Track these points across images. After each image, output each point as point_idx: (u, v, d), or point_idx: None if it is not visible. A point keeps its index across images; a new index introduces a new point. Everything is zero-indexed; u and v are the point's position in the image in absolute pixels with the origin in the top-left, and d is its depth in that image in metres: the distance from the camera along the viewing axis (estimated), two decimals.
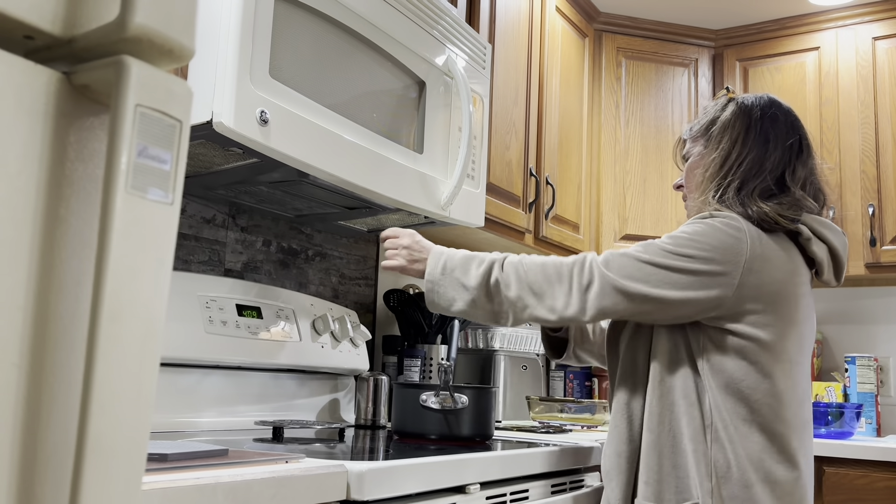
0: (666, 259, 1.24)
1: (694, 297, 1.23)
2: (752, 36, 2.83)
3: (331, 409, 1.81)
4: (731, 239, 1.24)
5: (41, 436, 0.44)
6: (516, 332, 2.28)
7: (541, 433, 1.86)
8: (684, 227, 1.29)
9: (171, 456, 0.87)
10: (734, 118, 1.37)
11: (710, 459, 1.22)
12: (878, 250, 2.51)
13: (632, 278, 1.24)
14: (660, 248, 1.26)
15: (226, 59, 1.15)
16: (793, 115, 1.40)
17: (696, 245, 1.24)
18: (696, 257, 1.23)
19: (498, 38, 2.10)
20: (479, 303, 1.28)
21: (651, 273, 1.23)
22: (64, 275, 0.45)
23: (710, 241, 1.24)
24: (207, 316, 1.47)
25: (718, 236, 1.24)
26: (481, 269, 1.29)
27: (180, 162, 0.47)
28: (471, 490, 1.20)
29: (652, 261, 1.24)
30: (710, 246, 1.24)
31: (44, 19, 0.44)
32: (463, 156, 1.63)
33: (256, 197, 1.59)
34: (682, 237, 1.26)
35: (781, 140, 1.35)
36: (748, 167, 1.32)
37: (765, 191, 1.31)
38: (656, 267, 1.24)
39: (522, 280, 1.27)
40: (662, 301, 1.23)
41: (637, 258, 1.25)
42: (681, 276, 1.23)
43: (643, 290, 1.23)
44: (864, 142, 2.58)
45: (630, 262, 1.25)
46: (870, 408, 2.50)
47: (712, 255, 1.23)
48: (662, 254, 1.25)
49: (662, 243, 1.27)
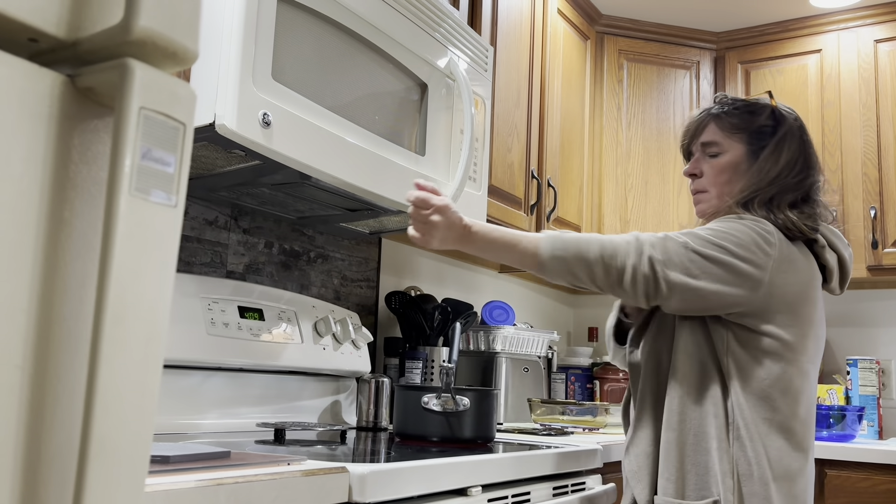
0: (707, 249, 1.25)
1: (725, 291, 1.24)
2: (753, 38, 2.83)
3: (332, 411, 1.81)
4: (762, 240, 1.26)
5: (44, 438, 0.44)
6: (518, 334, 2.28)
7: (542, 435, 1.86)
8: (717, 223, 1.30)
9: (173, 458, 0.87)
10: (787, 136, 1.37)
11: (732, 458, 1.24)
12: (879, 253, 2.51)
13: (677, 267, 1.24)
14: (703, 238, 1.26)
15: (228, 61, 1.15)
16: (807, 131, 1.45)
17: (732, 240, 1.25)
18: (732, 252, 1.25)
19: (500, 40, 2.10)
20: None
21: (693, 262, 1.24)
22: (67, 277, 0.45)
23: (745, 239, 1.26)
24: (209, 318, 1.47)
25: (752, 236, 1.26)
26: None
27: (184, 164, 0.47)
28: (472, 492, 1.20)
29: (696, 250, 1.25)
30: (744, 244, 1.25)
31: (48, 22, 0.44)
32: (464, 158, 1.63)
33: (258, 199, 1.59)
34: (720, 231, 1.27)
35: (815, 161, 1.40)
36: (790, 185, 1.35)
37: (793, 203, 1.35)
38: (699, 256, 1.24)
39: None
40: (697, 291, 1.24)
41: (685, 246, 1.26)
42: (717, 269, 1.24)
43: (683, 280, 1.24)
44: (865, 144, 2.58)
45: (678, 248, 1.25)
46: (872, 410, 2.50)
47: (746, 254, 1.25)
48: (704, 243, 1.25)
49: (705, 233, 1.27)
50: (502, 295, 2.72)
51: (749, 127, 1.39)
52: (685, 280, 1.23)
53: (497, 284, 2.69)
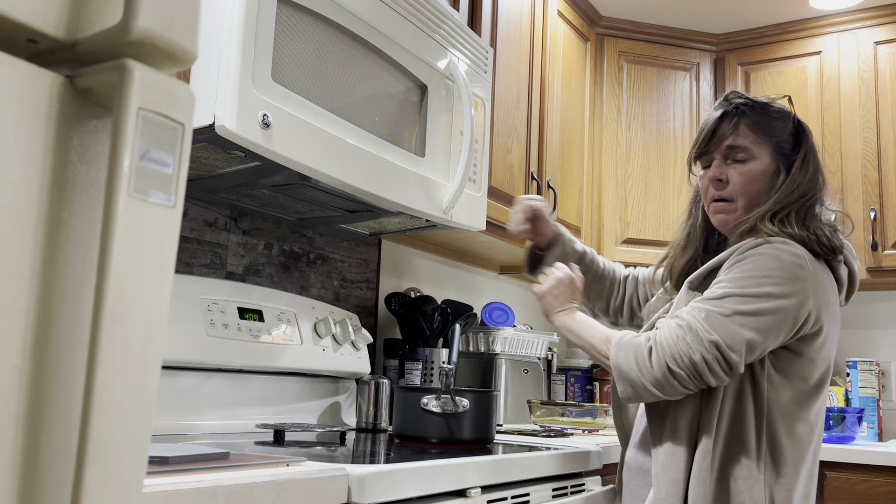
0: (751, 304, 1.20)
1: (783, 333, 1.22)
2: (753, 40, 2.83)
3: (332, 413, 1.81)
4: (796, 267, 1.22)
5: (43, 439, 0.44)
6: (517, 335, 2.28)
7: (542, 437, 1.86)
8: (745, 264, 1.24)
9: (172, 459, 0.87)
10: (812, 150, 1.36)
11: (764, 484, 1.23)
12: (879, 254, 2.51)
13: (734, 341, 1.20)
14: (743, 294, 1.21)
15: (228, 62, 1.15)
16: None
17: (771, 281, 1.21)
18: (775, 295, 1.20)
19: (500, 41, 2.10)
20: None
21: (745, 324, 1.20)
22: (66, 278, 0.45)
23: (781, 273, 1.21)
24: (209, 319, 1.47)
25: (787, 266, 1.22)
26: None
27: (182, 165, 0.47)
28: (472, 494, 1.20)
29: (741, 311, 1.21)
30: (782, 279, 1.21)
31: (47, 23, 0.44)
32: (464, 159, 1.63)
33: (258, 200, 1.59)
34: (755, 276, 1.22)
35: (821, 170, 1.38)
36: (816, 199, 1.32)
37: (818, 216, 1.32)
38: (748, 316, 1.20)
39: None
40: (760, 347, 1.21)
41: (730, 313, 1.21)
42: (769, 319, 1.20)
43: (746, 353, 1.21)
44: (865, 146, 2.58)
45: (724, 322, 1.21)
46: (871, 412, 2.50)
47: (789, 290, 1.21)
48: (746, 300, 1.21)
49: (742, 286, 1.22)
50: (502, 296, 2.72)
51: (774, 135, 1.34)
52: (747, 352, 1.21)
53: (497, 286, 2.69)
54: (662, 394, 1.24)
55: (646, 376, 1.23)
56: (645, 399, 1.26)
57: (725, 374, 1.21)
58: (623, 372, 1.26)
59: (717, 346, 1.19)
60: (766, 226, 1.28)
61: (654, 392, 1.23)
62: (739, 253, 1.25)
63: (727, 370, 1.20)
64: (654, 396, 1.24)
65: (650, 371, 1.22)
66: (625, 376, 1.25)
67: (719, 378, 1.21)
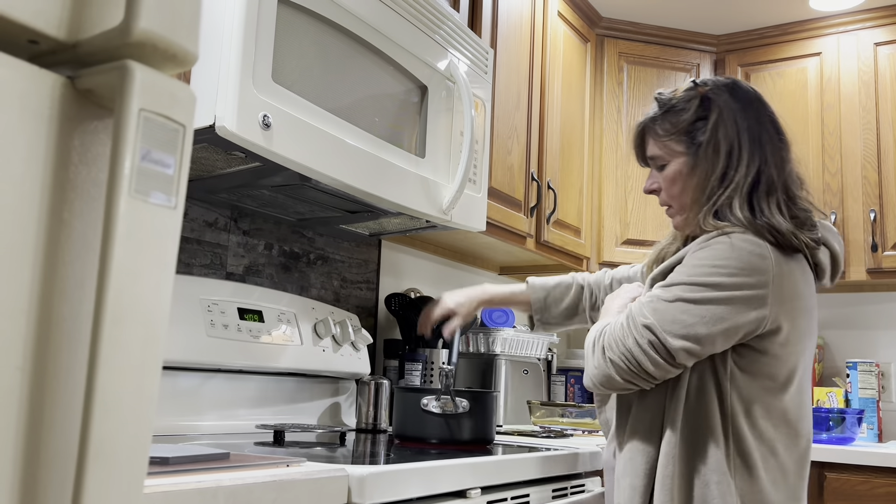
0: (698, 292, 1.14)
1: (732, 325, 1.14)
2: (753, 41, 2.83)
3: (332, 413, 1.81)
4: (755, 258, 1.15)
5: (43, 439, 0.44)
6: (517, 336, 2.28)
7: (542, 438, 1.86)
8: (700, 252, 1.18)
9: (172, 459, 0.87)
10: (719, 120, 1.24)
11: (736, 489, 1.15)
12: (879, 256, 2.51)
13: (673, 327, 1.15)
14: (690, 283, 1.16)
15: (228, 63, 1.15)
16: (761, 98, 1.29)
17: (723, 271, 1.14)
18: (725, 286, 1.14)
19: (500, 42, 2.10)
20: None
21: (688, 312, 1.14)
22: (67, 278, 0.45)
23: (735, 263, 1.14)
24: (209, 319, 1.47)
25: (742, 257, 1.15)
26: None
27: (183, 166, 0.47)
28: (471, 494, 1.20)
29: (686, 298, 1.15)
30: (736, 269, 1.14)
31: (49, 24, 0.44)
32: (464, 160, 1.63)
33: (258, 200, 1.59)
34: (703, 266, 1.16)
35: (768, 134, 1.24)
36: (755, 177, 1.21)
37: (774, 202, 1.21)
38: (692, 304, 1.14)
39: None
40: (703, 340, 1.14)
41: (674, 300, 1.16)
42: (714, 309, 1.13)
43: (683, 342, 1.14)
44: (865, 147, 2.58)
45: (667, 307, 1.16)
46: (871, 413, 2.50)
47: (740, 281, 1.14)
48: (693, 288, 1.15)
49: (691, 274, 1.16)
50: None
51: (681, 126, 1.27)
52: (692, 341, 1.13)
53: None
54: (604, 385, 1.20)
55: (590, 365, 1.22)
56: (597, 391, 1.24)
57: (665, 362, 1.14)
58: (585, 360, 1.26)
59: (650, 329, 1.14)
60: (709, 223, 1.21)
61: (596, 383, 1.21)
62: (697, 245, 1.20)
63: (666, 357, 1.13)
64: (597, 388, 1.21)
65: (592, 360, 1.21)
66: (585, 365, 1.25)
67: (659, 365, 1.14)
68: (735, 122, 1.24)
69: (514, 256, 2.43)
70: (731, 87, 1.28)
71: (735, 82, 1.29)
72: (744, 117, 1.24)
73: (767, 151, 1.23)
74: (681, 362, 1.15)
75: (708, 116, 1.25)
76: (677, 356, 1.14)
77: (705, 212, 1.22)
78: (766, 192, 1.21)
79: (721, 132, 1.23)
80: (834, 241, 1.29)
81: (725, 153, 1.22)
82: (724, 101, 1.25)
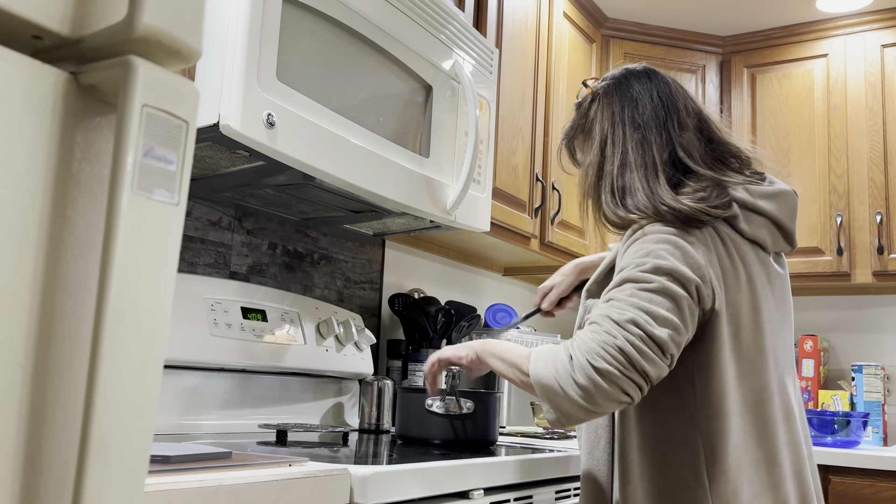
0: (646, 283, 1.07)
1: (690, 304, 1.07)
2: (760, 43, 2.83)
3: (335, 413, 1.80)
4: (667, 243, 1.09)
5: (44, 436, 0.44)
6: (521, 337, 2.27)
7: (545, 439, 1.86)
8: (629, 250, 1.13)
9: (174, 458, 0.87)
10: (599, 106, 1.23)
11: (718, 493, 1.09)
12: (885, 258, 2.50)
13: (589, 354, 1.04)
14: (633, 283, 1.08)
15: (233, 61, 1.15)
16: (652, 76, 1.24)
17: (653, 259, 1.08)
18: (662, 268, 1.07)
19: (505, 42, 2.10)
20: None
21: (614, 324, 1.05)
22: (69, 275, 0.45)
23: (661, 248, 1.09)
24: (212, 318, 1.47)
25: (660, 242, 1.09)
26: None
27: (186, 162, 0.47)
28: (475, 496, 1.19)
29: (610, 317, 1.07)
30: (665, 252, 1.09)
31: (52, 20, 0.44)
32: (469, 160, 1.63)
33: (262, 200, 1.59)
34: (638, 257, 1.10)
35: (651, 115, 1.20)
36: (631, 164, 1.16)
37: (669, 181, 1.15)
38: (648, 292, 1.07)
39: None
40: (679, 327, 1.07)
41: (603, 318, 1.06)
42: (670, 289, 1.06)
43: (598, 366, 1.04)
44: (872, 149, 2.57)
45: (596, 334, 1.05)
46: (876, 417, 2.49)
47: (673, 264, 1.07)
48: (639, 283, 1.08)
49: (629, 278, 1.09)
50: (506, 298, 2.71)
51: (577, 128, 1.28)
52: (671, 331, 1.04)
53: (500, 287, 2.69)
54: (592, 405, 1.02)
55: (568, 385, 1.02)
56: (576, 417, 1.04)
57: (659, 356, 1.03)
58: (544, 386, 1.05)
59: (636, 324, 1.03)
60: (611, 218, 1.18)
61: (582, 403, 1.02)
62: (623, 244, 1.17)
63: (658, 350, 1.03)
64: (583, 411, 1.03)
65: (571, 378, 1.02)
66: (546, 390, 1.04)
67: (654, 363, 1.02)
68: (612, 111, 1.22)
69: (518, 257, 2.42)
70: (619, 77, 1.27)
71: (626, 71, 1.27)
72: (621, 104, 1.22)
73: (649, 132, 1.18)
74: (670, 353, 1.05)
75: (594, 112, 1.25)
76: (667, 347, 1.03)
77: (596, 208, 1.21)
78: (653, 173, 1.16)
79: (597, 126, 1.23)
80: (768, 205, 1.17)
81: (599, 145, 1.22)
82: (605, 93, 1.25)
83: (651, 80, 1.24)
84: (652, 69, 1.28)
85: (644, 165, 1.17)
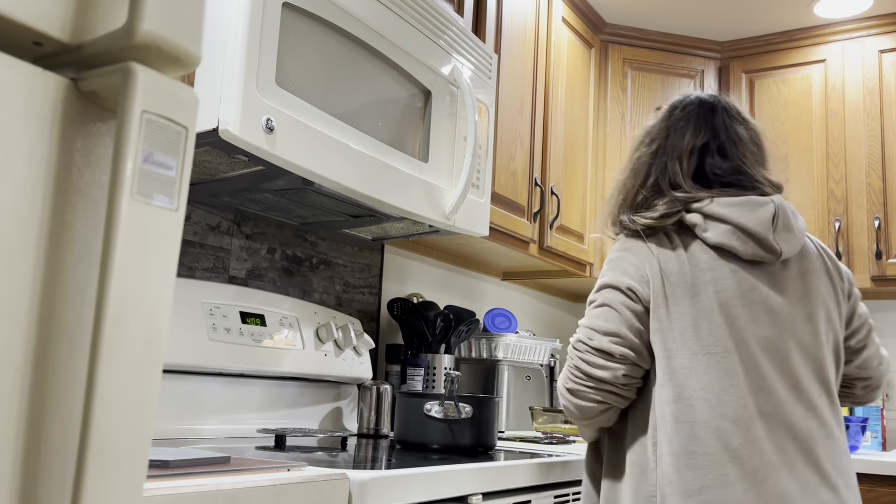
0: (593, 298, 1.27)
1: (633, 310, 1.22)
2: (758, 48, 2.83)
3: (333, 418, 1.80)
4: (620, 252, 1.26)
5: (43, 440, 0.44)
6: (520, 342, 2.28)
7: (544, 444, 1.86)
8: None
9: (172, 462, 0.87)
10: (654, 128, 1.42)
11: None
12: (883, 263, 2.50)
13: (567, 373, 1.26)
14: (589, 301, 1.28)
15: (232, 66, 1.16)
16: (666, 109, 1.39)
17: (604, 276, 1.26)
18: (606, 284, 1.25)
19: (504, 48, 2.11)
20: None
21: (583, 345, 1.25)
22: (69, 280, 0.45)
23: (612, 264, 1.26)
24: (211, 323, 1.47)
25: (613, 259, 1.27)
26: None
27: (185, 168, 0.47)
28: (473, 500, 1.20)
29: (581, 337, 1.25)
30: (609, 268, 1.27)
31: (52, 26, 0.44)
32: (468, 165, 1.63)
33: (261, 204, 1.59)
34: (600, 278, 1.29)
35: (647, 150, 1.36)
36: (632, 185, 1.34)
37: (643, 202, 1.31)
38: (593, 308, 1.26)
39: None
40: (618, 332, 1.23)
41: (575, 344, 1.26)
42: (610, 299, 1.24)
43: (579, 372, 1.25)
44: (870, 154, 2.58)
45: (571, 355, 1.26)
46: (875, 422, 2.49)
47: (614, 278, 1.24)
48: (591, 299, 1.27)
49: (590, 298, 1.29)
50: (505, 302, 2.71)
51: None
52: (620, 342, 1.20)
53: (500, 292, 2.69)
54: (584, 416, 1.24)
55: (565, 408, 1.27)
56: (585, 433, 1.30)
57: (607, 360, 1.19)
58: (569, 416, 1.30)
59: (582, 342, 1.23)
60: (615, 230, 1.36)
61: (577, 417, 1.25)
62: None
63: (604, 356, 1.20)
64: (583, 422, 1.25)
65: (562, 400, 1.27)
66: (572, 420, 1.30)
67: (605, 367, 1.20)
68: (634, 143, 1.42)
69: (517, 262, 2.43)
70: (665, 108, 1.42)
71: (670, 104, 1.42)
72: (640, 134, 1.42)
73: (637, 163, 1.36)
74: (619, 354, 1.19)
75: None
76: (611, 351, 1.20)
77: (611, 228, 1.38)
78: (632, 195, 1.34)
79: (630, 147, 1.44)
80: (733, 214, 1.21)
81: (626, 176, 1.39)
82: (656, 123, 1.42)
83: (671, 115, 1.38)
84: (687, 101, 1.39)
85: (625, 187, 1.35)
